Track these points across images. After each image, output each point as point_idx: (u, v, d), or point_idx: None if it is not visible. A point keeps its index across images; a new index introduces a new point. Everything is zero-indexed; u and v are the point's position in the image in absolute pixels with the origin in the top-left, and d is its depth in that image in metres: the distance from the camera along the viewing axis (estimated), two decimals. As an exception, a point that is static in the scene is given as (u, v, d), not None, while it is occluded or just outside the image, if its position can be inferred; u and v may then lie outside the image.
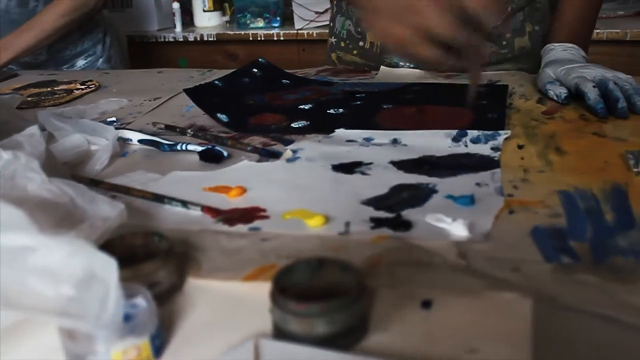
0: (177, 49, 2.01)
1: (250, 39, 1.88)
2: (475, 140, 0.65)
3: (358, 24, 1.11)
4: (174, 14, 2.00)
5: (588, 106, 0.75)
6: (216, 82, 0.88)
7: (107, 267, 0.35)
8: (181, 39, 1.97)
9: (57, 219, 0.46)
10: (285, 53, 1.89)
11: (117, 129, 0.74)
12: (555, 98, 0.81)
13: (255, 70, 0.95)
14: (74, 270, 0.35)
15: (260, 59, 0.99)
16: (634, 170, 0.58)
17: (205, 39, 1.94)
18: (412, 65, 1.05)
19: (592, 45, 1.63)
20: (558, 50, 0.92)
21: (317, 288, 0.37)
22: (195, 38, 1.95)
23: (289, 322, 0.34)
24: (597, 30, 1.64)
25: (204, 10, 2.04)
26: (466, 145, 0.65)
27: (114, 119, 0.87)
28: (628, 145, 0.65)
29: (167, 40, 1.99)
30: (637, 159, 0.59)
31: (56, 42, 1.38)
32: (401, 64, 1.07)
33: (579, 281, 0.39)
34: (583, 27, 0.99)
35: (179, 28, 2.02)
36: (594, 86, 0.75)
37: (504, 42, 1.06)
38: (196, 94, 0.81)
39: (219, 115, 0.77)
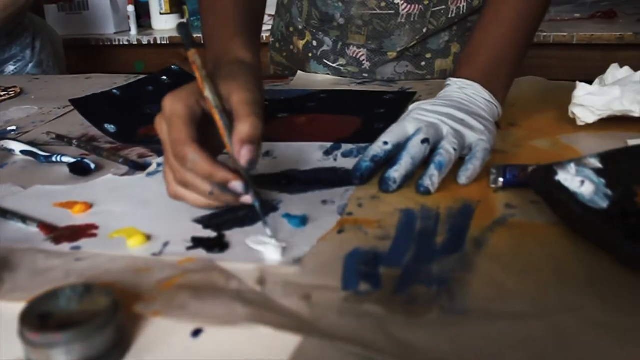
0: (133, 52, 2.00)
1: (202, 42, 1.86)
2: (346, 154, 0.64)
3: (287, 27, 1.10)
4: (129, 17, 1.98)
5: None
6: (114, 90, 0.86)
7: None
8: (135, 42, 1.96)
9: None
10: (237, 57, 1.87)
11: (-1, 139, 0.73)
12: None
13: (164, 77, 0.94)
14: None
15: (172, 66, 0.98)
16: (492, 187, 0.56)
17: (159, 42, 1.93)
18: (329, 72, 1.03)
19: (539, 49, 1.58)
20: (452, 88, 0.67)
21: (81, 315, 0.35)
22: (149, 41, 1.94)
23: (29, 352, 0.33)
24: (544, 34, 1.61)
25: (161, 13, 2.03)
26: (335, 159, 0.63)
27: (14, 127, 0.86)
28: (509, 157, 0.64)
29: (122, 43, 1.98)
30: (499, 174, 0.57)
31: None
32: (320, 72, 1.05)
33: (362, 313, 0.38)
34: (510, 44, 0.69)
35: (134, 31, 2.01)
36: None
37: (423, 63, 0.99)
38: (85, 103, 0.80)
39: (106, 125, 0.76)
